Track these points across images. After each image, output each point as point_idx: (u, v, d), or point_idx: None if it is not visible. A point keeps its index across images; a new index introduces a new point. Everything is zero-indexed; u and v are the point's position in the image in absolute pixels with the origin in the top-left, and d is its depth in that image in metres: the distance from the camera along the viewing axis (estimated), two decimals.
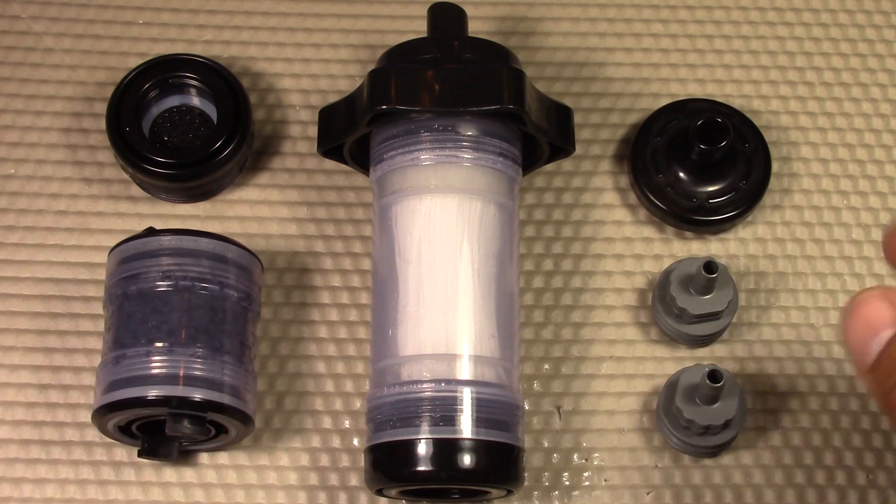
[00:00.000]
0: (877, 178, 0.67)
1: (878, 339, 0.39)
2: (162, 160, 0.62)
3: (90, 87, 0.67)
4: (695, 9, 0.69)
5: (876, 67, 0.69)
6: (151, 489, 0.60)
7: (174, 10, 0.68)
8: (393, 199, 0.59)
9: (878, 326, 0.39)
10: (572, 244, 0.65)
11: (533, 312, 0.64)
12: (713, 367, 0.57)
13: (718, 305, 0.60)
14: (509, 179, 0.59)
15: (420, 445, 0.55)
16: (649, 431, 0.62)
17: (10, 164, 0.65)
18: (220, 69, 0.64)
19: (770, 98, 0.68)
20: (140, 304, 0.56)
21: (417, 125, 0.58)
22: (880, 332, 0.39)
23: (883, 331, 0.39)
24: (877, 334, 0.39)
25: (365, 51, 0.68)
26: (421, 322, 0.57)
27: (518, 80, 0.58)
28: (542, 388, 0.62)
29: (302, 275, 0.64)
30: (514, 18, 0.69)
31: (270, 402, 0.62)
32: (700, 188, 0.64)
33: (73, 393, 0.61)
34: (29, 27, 0.68)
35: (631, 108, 0.67)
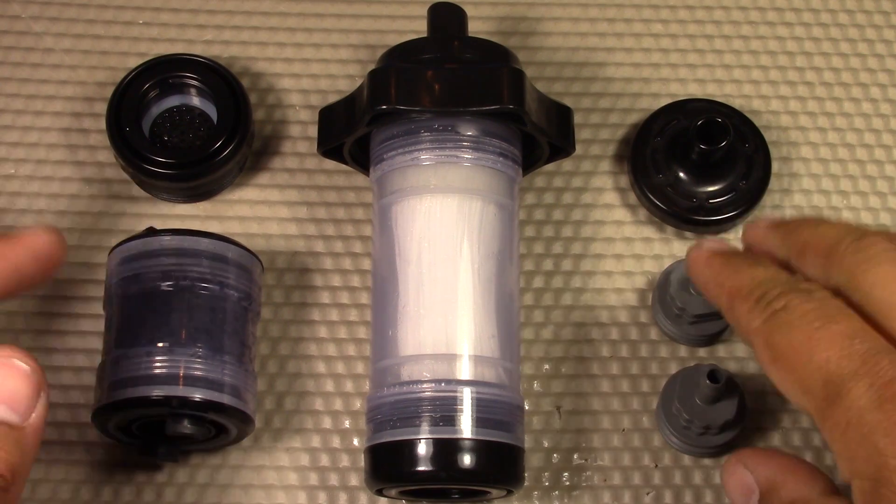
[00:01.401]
0: (877, 178, 0.67)
1: (752, 502, 0.48)
2: (162, 160, 0.62)
3: (90, 87, 0.67)
4: (695, 9, 0.69)
5: (876, 67, 0.69)
6: (150, 489, 0.60)
7: (174, 10, 0.68)
8: (393, 199, 0.59)
9: (748, 492, 0.48)
10: (572, 244, 0.65)
11: (533, 312, 0.64)
12: (713, 367, 0.57)
13: None
14: (509, 179, 0.59)
15: (420, 445, 0.55)
16: (649, 431, 0.62)
17: (10, 164, 0.65)
18: (220, 69, 0.64)
19: (770, 98, 0.68)
20: (140, 305, 0.56)
21: (417, 125, 0.58)
22: (751, 495, 0.48)
23: (752, 494, 0.48)
24: (750, 497, 0.48)
25: (365, 51, 0.68)
26: (421, 322, 0.57)
27: (518, 80, 0.58)
28: (542, 388, 0.62)
29: (302, 275, 0.64)
30: (514, 18, 0.69)
31: (270, 402, 0.62)
32: (700, 188, 0.64)
33: (73, 393, 0.61)
34: (29, 27, 0.68)
35: (631, 108, 0.67)
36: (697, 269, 0.52)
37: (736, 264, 0.50)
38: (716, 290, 0.50)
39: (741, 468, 0.49)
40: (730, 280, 0.49)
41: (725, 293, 0.49)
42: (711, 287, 0.51)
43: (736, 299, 0.48)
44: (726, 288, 0.49)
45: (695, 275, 0.53)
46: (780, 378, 0.45)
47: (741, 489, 0.49)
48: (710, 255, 0.52)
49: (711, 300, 0.51)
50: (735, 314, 0.48)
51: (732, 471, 0.49)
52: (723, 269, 0.50)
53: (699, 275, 0.52)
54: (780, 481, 0.48)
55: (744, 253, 0.53)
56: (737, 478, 0.49)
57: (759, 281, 0.48)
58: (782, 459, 0.49)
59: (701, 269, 0.52)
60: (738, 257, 0.51)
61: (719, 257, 0.51)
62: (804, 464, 0.48)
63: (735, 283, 0.49)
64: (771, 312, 0.46)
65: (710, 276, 0.51)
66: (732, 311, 0.48)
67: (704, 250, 0.52)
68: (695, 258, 0.53)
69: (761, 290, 0.47)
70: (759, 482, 0.48)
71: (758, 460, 0.49)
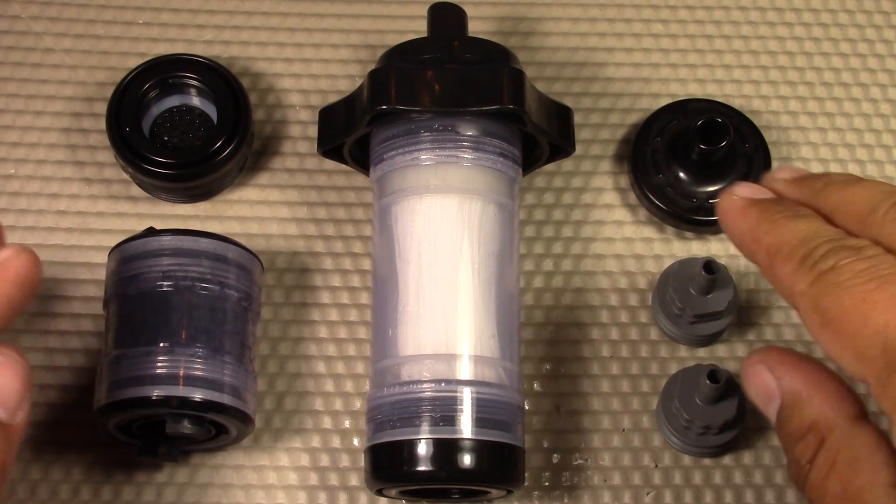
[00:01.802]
0: (877, 179, 0.67)
1: (771, 407, 0.45)
2: (162, 160, 0.62)
3: (90, 87, 0.67)
4: (695, 9, 0.69)
5: (876, 67, 0.69)
6: (150, 489, 0.60)
7: (174, 10, 0.68)
8: (393, 199, 0.59)
9: (769, 397, 0.45)
10: (572, 244, 0.65)
11: (533, 312, 0.64)
12: (713, 367, 0.57)
13: (718, 305, 0.60)
14: (509, 179, 0.59)
15: (420, 445, 0.55)
16: (649, 431, 0.62)
17: (10, 164, 0.65)
18: (220, 69, 0.64)
19: (770, 98, 0.68)
20: (140, 305, 0.56)
21: (417, 125, 0.58)
22: (771, 401, 0.45)
23: (772, 400, 0.45)
24: (770, 402, 0.45)
25: (365, 51, 0.68)
26: (421, 322, 0.57)
27: (518, 80, 0.58)
28: (542, 388, 0.62)
29: (302, 275, 0.64)
30: (514, 18, 0.69)
31: (270, 402, 0.62)
32: (700, 188, 0.64)
33: (72, 393, 0.61)
34: (29, 27, 0.68)
35: (631, 108, 0.67)
36: (731, 219, 0.47)
37: (774, 216, 0.45)
38: (752, 245, 0.46)
39: (764, 371, 0.45)
40: (769, 235, 0.45)
41: (764, 250, 0.45)
42: (747, 242, 0.46)
43: (777, 258, 0.44)
44: (764, 244, 0.45)
45: (727, 226, 0.47)
46: (831, 344, 0.42)
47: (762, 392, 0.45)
48: (746, 205, 0.46)
49: (747, 255, 0.46)
50: (776, 274, 0.44)
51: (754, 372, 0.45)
52: (760, 221, 0.45)
53: (733, 227, 0.47)
54: (806, 396, 0.44)
55: (782, 202, 0.47)
56: (758, 380, 0.45)
57: (803, 237, 0.43)
58: (811, 370, 0.44)
59: (735, 220, 0.47)
60: (777, 207, 0.46)
61: (755, 207, 0.46)
62: (834, 379, 0.44)
63: (775, 240, 0.44)
64: (818, 273, 0.42)
65: (745, 230, 0.46)
66: (773, 271, 0.44)
67: (738, 198, 0.47)
68: (727, 207, 0.47)
69: (806, 247, 0.43)
70: (783, 391, 0.44)
71: (784, 367, 0.45)
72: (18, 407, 0.45)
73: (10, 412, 0.45)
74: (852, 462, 0.42)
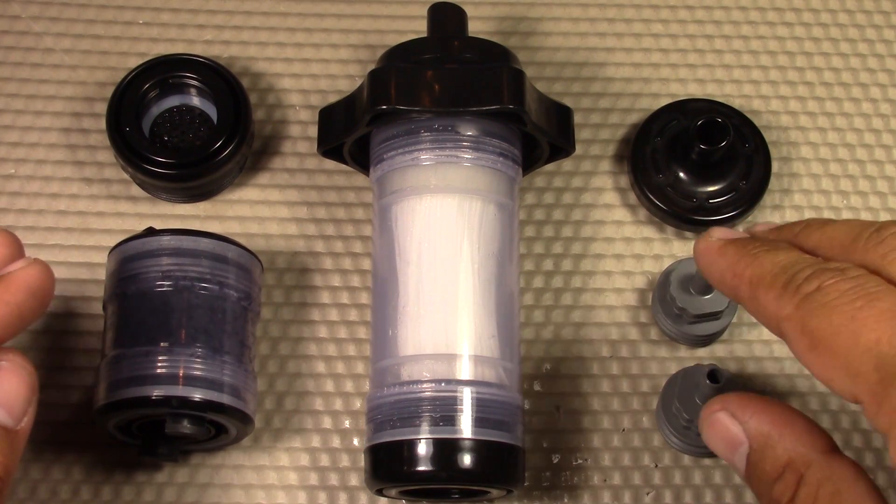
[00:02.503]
0: (877, 178, 0.67)
1: (738, 455, 0.45)
2: (162, 160, 0.62)
3: (90, 87, 0.67)
4: (695, 9, 0.69)
5: (876, 67, 0.69)
6: (150, 489, 0.60)
7: (174, 10, 0.68)
8: (393, 199, 0.59)
9: (734, 443, 0.45)
10: (572, 244, 0.65)
11: (533, 312, 0.64)
12: (713, 367, 0.57)
13: (718, 305, 0.60)
14: (509, 179, 0.59)
15: (420, 445, 0.55)
16: (649, 431, 0.62)
17: (10, 164, 0.65)
18: (220, 69, 0.64)
19: (770, 98, 0.68)
20: (140, 304, 0.56)
21: (417, 125, 0.58)
22: (738, 447, 0.44)
23: (739, 447, 0.44)
24: (736, 449, 0.45)
25: (365, 51, 0.68)
26: (421, 322, 0.57)
27: (518, 80, 0.58)
28: (542, 388, 0.62)
29: (302, 275, 0.64)
30: (514, 18, 0.69)
31: (270, 402, 0.62)
32: (700, 188, 0.64)
33: (73, 393, 0.61)
34: (29, 27, 0.68)
35: (631, 108, 0.67)
36: (709, 259, 0.47)
37: (753, 251, 0.45)
38: (733, 280, 0.46)
39: (727, 418, 0.45)
40: (749, 268, 0.45)
41: (746, 282, 0.45)
42: (728, 278, 0.46)
43: (759, 288, 0.44)
44: (746, 276, 0.45)
45: (707, 266, 0.48)
46: (821, 366, 0.41)
47: (727, 440, 0.45)
48: (723, 244, 0.47)
49: (729, 292, 0.47)
50: (760, 304, 0.44)
51: (714, 420, 0.45)
52: (739, 257, 0.46)
53: (712, 266, 0.47)
54: (776, 436, 0.44)
55: (759, 238, 0.48)
56: (721, 428, 0.45)
57: (784, 265, 0.43)
58: (777, 411, 0.44)
59: (713, 259, 0.47)
60: (754, 243, 0.46)
61: (733, 245, 0.47)
62: (801, 416, 0.44)
63: (756, 271, 0.44)
64: (803, 296, 0.42)
65: (725, 266, 0.46)
66: (756, 301, 0.44)
67: (715, 239, 0.48)
68: (704, 249, 0.48)
69: (788, 273, 0.43)
70: (750, 435, 0.44)
71: (749, 411, 0.44)
72: (24, 413, 0.45)
73: (15, 418, 0.45)
74: (835, 495, 0.42)
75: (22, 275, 0.47)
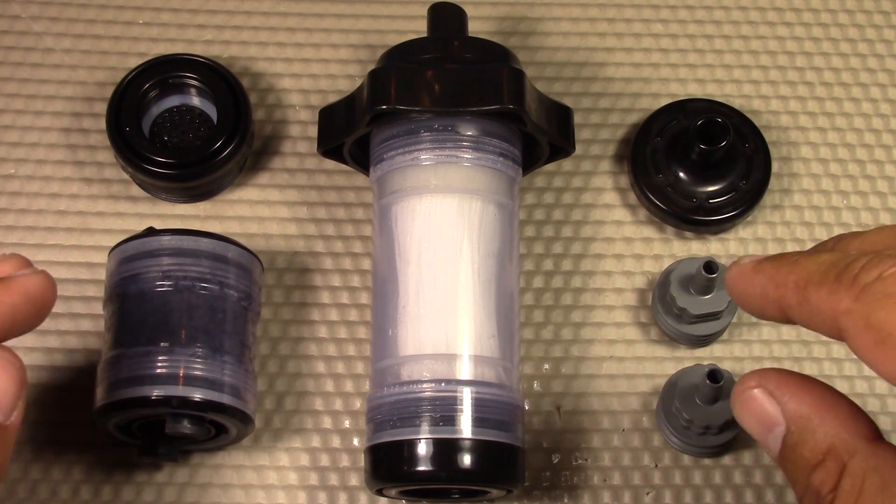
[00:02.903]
0: (877, 178, 0.67)
1: (773, 436, 0.41)
2: (162, 160, 0.62)
3: (90, 87, 0.67)
4: (695, 9, 0.69)
5: (876, 67, 0.69)
6: (150, 489, 0.60)
7: (174, 10, 0.68)
8: (393, 199, 0.59)
9: (770, 424, 0.41)
10: (572, 244, 0.65)
11: (533, 312, 0.64)
12: (713, 367, 0.57)
13: (718, 305, 0.60)
14: (509, 179, 0.59)
15: (420, 445, 0.55)
16: (649, 431, 0.62)
17: (10, 164, 0.65)
18: (220, 69, 0.64)
19: (770, 98, 0.68)
20: (140, 304, 0.56)
21: (417, 125, 0.58)
22: (773, 428, 0.41)
23: (775, 427, 0.41)
24: (771, 430, 0.41)
25: (365, 51, 0.68)
26: (421, 322, 0.57)
27: (518, 80, 0.58)
28: (542, 388, 0.62)
29: (302, 275, 0.64)
30: (514, 18, 0.69)
31: (270, 402, 0.62)
32: (700, 188, 0.64)
33: (73, 393, 0.61)
34: (29, 27, 0.68)
35: (631, 108, 0.67)
36: (745, 281, 0.43)
37: (792, 258, 0.42)
38: (777, 291, 0.42)
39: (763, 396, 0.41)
40: (793, 273, 0.41)
41: (791, 288, 0.41)
42: (771, 290, 0.42)
43: (808, 288, 0.40)
44: (791, 282, 0.41)
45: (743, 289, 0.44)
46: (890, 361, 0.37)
47: (762, 420, 0.41)
48: (757, 263, 0.43)
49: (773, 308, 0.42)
50: (811, 305, 0.40)
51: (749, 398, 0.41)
52: (779, 267, 0.42)
53: (749, 286, 0.43)
54: (817, 420, 0.40)
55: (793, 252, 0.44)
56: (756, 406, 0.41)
57: (831, 261, 0.40)
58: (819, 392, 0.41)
59: (750, 279, 0.43)
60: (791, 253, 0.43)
61: (768, 260, 0.43)
62: (845, 401, 0.41)
63: (801, 273, 0.40)
64: (862, 287, 0.38)
65: (765, 281, 0.42)
66: (807, 304, 0.40)
67: (747, 262, 0.44)
68: (738, 273, 0.44)
69: (839, 267, 0.39)
70: (789, 417, 0.41)
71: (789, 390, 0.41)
72: (12, 408, 0.45)
73: (4, 413, 0.45)
74: (883, 488, 0.38)
75: (22, 279, 0.47)
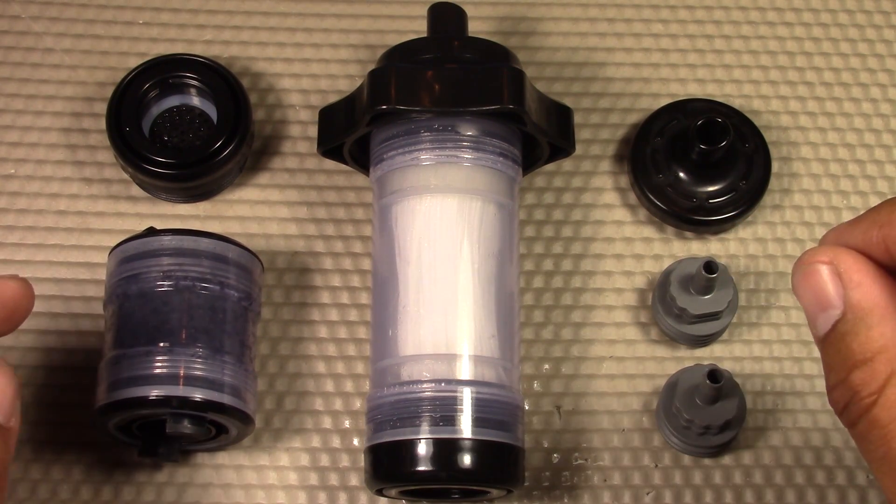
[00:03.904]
0: (877, 178, 0.67)
1: (825, 316, 0.38)
2: (162, 160, 0.62)
3: (90, 87, 0.67)
4: (695, 9, 0.69)
5: (876, 67, 0.69)
6: (150, 489, 0.60)
7: (174, 10, 0.68)
8: (393, 199, 0.59)
9: (826, 304, 0.38)
10: (572, 244, 0.65)
11: (533, 312, 0.64)
12: (713, 367, 0.57)
13: (718, 305, 0.60)
14: (509, 179, 0.59)
15: (420, 445, 0.55)
16: (649, 431, 0.62)
17: (10, 164, 0.65)
18: (220, 69, 0.64)
19: (770, 98, 0.68)
20: (140, 304, 0.56)
21: (417, 125, 0.58)
22: (827, 309, 0.38)
23: (830, 309, 0.38)
24: (825, 310, 0.38)
25: (365, 51, 0.68)
26: (421, 322, 0.57)
27: (518, 80, 0.58)
28: (542, 388, 0.62)
29: (302, 275, 0.64)
30: (514, 18, 0.69)
31: (270, 402, 0.62)
32: (700, 188, 0.64)
33: (72, 393, 0.61)
34: (29, 27, 0.68)
35: (631, 108, 0.67)
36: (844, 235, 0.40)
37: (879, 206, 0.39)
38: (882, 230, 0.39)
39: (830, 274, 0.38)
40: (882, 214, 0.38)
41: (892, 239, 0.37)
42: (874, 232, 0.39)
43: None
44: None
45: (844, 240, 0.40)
46: None
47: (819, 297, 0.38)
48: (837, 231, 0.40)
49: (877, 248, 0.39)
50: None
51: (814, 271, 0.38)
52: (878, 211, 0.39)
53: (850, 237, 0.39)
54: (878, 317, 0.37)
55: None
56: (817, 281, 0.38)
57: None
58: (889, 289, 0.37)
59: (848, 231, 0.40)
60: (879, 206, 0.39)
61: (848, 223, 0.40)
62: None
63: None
64: None
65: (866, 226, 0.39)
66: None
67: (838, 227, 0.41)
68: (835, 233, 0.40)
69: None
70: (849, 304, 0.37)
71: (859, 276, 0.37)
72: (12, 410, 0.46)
73: (5, 416, 0.46)
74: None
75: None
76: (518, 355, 0.59)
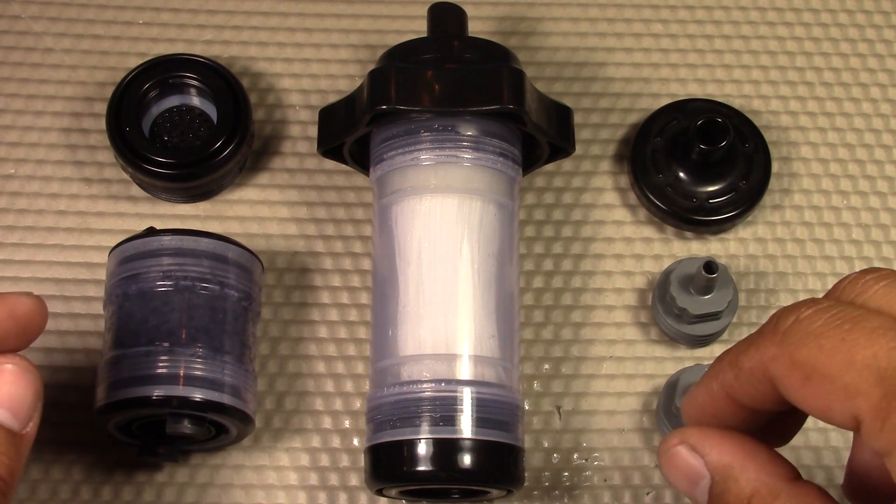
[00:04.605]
0: (877, 178, 0.67)
1: (700, 488, 0.42)
2: (162, 160, 0.62)
3: (90, 87, 0.67)
4: (695, 9, 0.69)
5: (876, 67, 0.69)
6: (150, 489, 0.60)
7: (174, 10, 0.68)
8: (393, 199, 0.59)
9: (695, 477, 0.43)
10: (572, 244, 0.65)
11: (533, 312, 0.64)
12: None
13: (718, 305, 0.60)
14: (509, 179, 0.59)
15: (420, 445, 0.55)
16: (649, 431, 0.62)
17: (10, 164, 0.65)
18: (220, 69, 0.64)
19: (770, 98, 0.68)
20: (140, 304, 0.56)
21: (417, 125, 0.58)
22: (698, 481, 0.42)
23: (700, 480, 0.42)
24: (697, 483, 0.43)
25: (365, 51, 0.68)
26: (421, 322, 0.57)
27: (518, 80, 0.58)
28: (542, 388, 0.62)
29: (302, 275, 0.64)
30: (514, 18, 0.69)
31: (270, 402, 0.62)
32: (700, 188, 0.64)
33: (72, 393, 0.61)
34: (29, 27, 0.68)
35: (631, 108, 0.67)
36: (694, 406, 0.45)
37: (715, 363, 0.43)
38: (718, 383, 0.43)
39: (686, 452, 0.43)
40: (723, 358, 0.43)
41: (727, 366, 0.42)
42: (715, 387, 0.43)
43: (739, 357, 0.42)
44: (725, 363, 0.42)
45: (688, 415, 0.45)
46: (817, 395, 0.39)
47: (687, 474, 0.43)
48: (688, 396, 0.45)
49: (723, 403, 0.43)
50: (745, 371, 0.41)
51: (674, 454, 0.43)
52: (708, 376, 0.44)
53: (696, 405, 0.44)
54: (738, 468, 0.42)
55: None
56: (680, 461, 0.43)
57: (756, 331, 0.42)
58: (738, 441, 0.42)
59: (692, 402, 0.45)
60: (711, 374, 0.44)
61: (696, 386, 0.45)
62: (763, 447, 0.42)
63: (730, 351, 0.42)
64: (783, 332, 0.40)
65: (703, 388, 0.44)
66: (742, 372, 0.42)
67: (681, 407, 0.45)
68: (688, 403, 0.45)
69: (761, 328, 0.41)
70: (712, 468, 0.42)
71: (709, 443, 0.42)
72: (29, 417, 0.46)
73: (21, 422, 0.45)
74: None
75: (10, 297, 0.47)
76: (518, 355, 0.59)
